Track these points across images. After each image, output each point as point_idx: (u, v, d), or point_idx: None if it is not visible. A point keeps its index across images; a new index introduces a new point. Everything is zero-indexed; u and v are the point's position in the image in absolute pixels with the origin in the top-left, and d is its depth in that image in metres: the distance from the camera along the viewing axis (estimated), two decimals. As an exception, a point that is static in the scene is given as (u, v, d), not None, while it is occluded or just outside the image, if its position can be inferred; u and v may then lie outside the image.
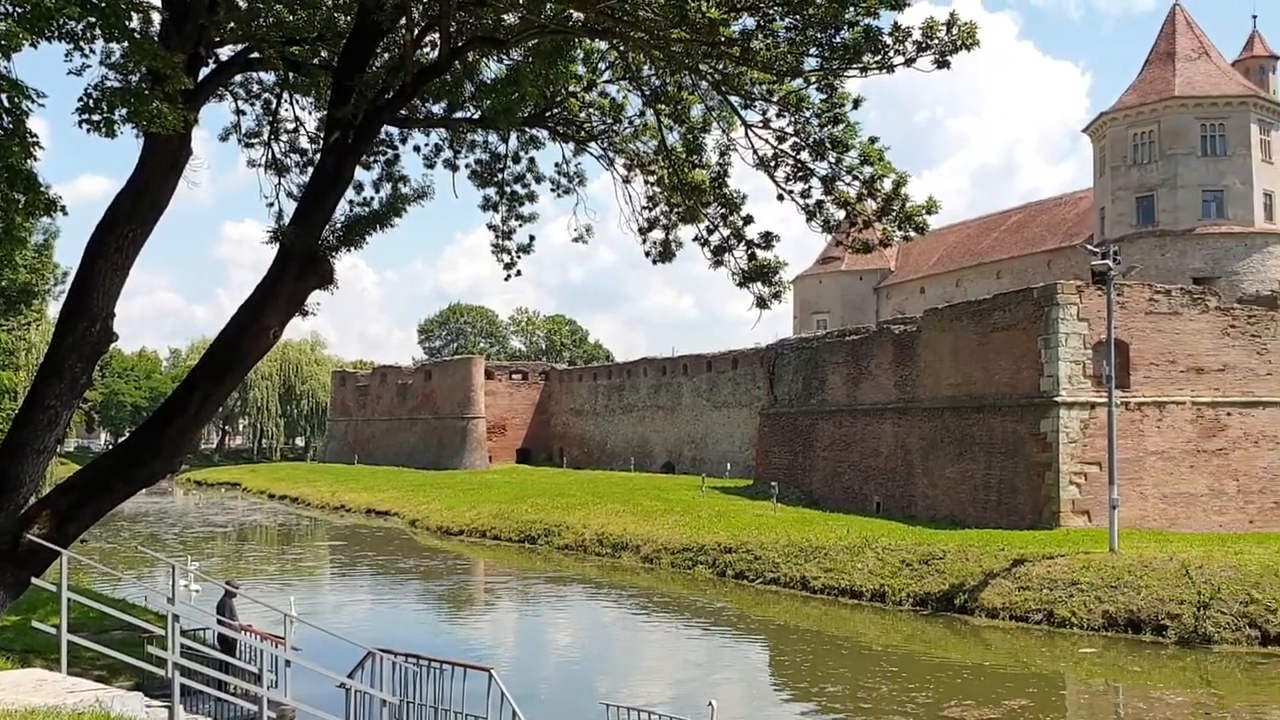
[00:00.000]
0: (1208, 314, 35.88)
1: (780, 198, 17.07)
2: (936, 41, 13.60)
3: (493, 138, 19.34)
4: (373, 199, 18.77)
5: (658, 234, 19.09)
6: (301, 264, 14.96)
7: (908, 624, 27.58)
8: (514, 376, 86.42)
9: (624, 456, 74.40)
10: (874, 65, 14.09)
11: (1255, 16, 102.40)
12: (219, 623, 16.95)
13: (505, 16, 15.12)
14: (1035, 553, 28.50)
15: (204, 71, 15.38)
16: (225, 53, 16.32)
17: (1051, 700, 21.18)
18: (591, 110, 18.44)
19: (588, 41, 17.19)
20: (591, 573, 38.22)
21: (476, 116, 18.33)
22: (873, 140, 16.12)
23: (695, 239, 18.38)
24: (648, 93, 17.38)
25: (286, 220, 16.64)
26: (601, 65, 18.26)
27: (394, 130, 18.88)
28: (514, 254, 20.21)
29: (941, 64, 13.83)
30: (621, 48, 16.10)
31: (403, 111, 16.78)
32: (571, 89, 17.89)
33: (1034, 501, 34.40)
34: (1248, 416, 35.59)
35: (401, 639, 20.71)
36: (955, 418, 38.73)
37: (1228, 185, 58.46)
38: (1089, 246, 33.08)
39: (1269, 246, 58.35)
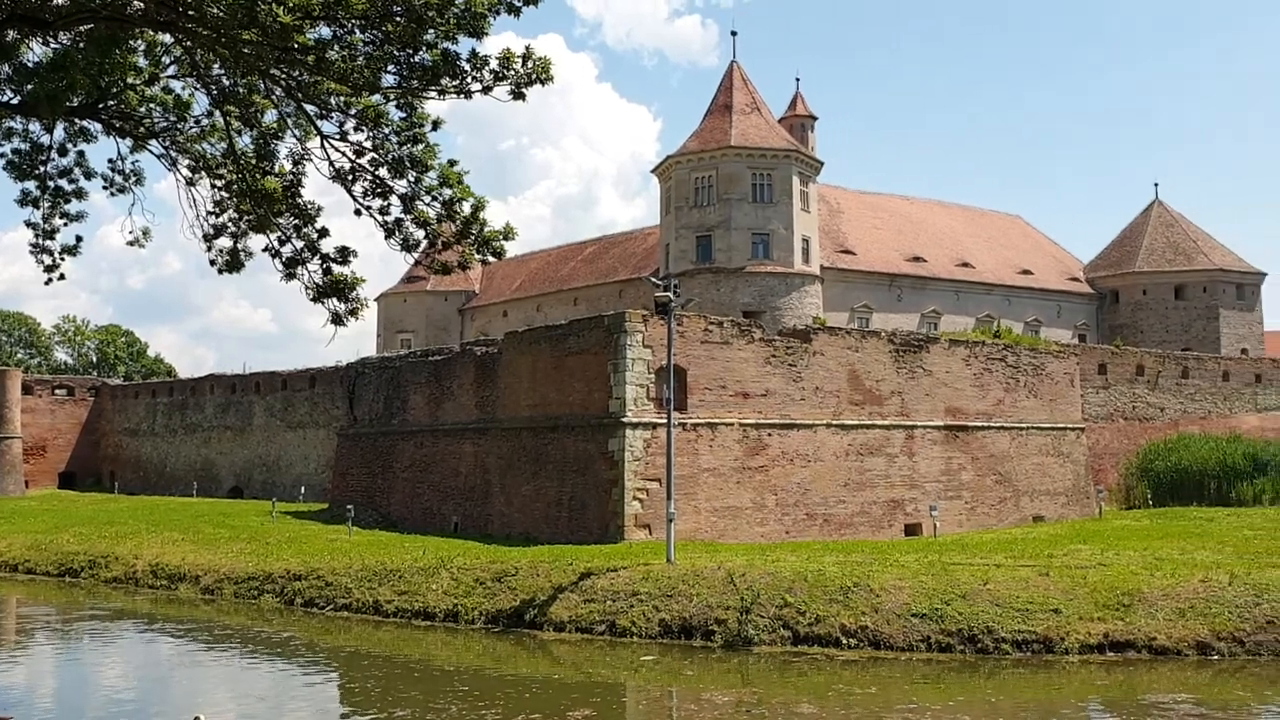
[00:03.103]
0: (753, 344, 39.62)
1: (358, 213, 16.76)
2: (513, 73, 14.01)
3: (35, 126, 17.41)
4: (-121, 185, 16.26)
5: (225, 242, 18.04)
6: None
7: (479, 642, 27.92)
8: (58, 392, 78.15)
9: (186, 481, 69.48)
10: (452, 89, 14.25)
11: (799, 79, 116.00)
12: None
13: (51, -5, 13.69)
14: (601, 566, 29.92)
15: None
16: None
17: (614, 708, 22.29)
18: (152, 105, 17.11)
19: (150, 32, 15.96)
20: (144, 606, 35.27)
21: (15, 102, 16.41)
22: (453, 163, 16.26)
23: (266, 249, 17.55)
24: (216, 92, 16.41)
25: None
26: (166, 59, 17.01)
27: (-91, 109, 16.48)
28: (57, 255, 18.27)
29: (517, 95, 14.25)
30: (187, 43, 15.08)
31: (-80, 88, 14.70)
32: (130, 81, 16.50)
33: (602, 516, 36.18)
34: (785, 437, 39.64)
35: (-99, 693, 17.94)
36: (532, 437, 39.89)
37: (773, 230, 65.08)
38: (654, 279, 35.49)
39: (805, 286, 65.65)
